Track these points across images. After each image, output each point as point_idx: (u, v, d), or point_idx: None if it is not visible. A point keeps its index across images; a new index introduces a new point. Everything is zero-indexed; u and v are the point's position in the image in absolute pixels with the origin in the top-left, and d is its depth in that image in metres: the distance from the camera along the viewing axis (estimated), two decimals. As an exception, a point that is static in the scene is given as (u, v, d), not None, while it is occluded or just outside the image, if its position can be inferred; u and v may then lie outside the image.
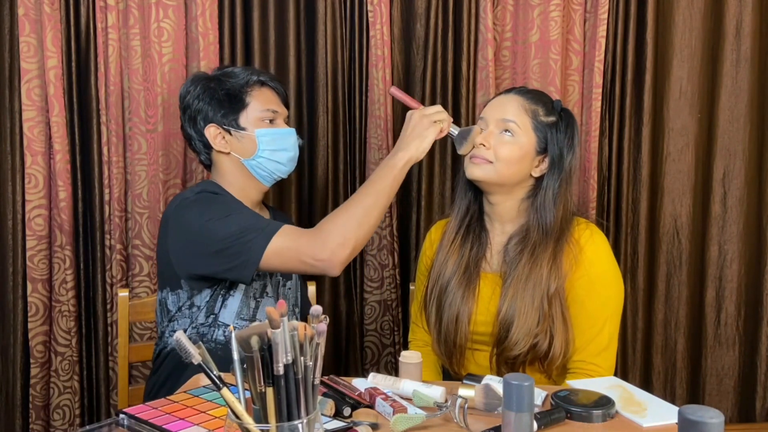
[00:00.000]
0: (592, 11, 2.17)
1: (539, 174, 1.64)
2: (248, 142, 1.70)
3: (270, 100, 1.73)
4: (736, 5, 2.20)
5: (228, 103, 1.70)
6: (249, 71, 1.74)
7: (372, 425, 1.24)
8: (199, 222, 1.58)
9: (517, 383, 0.98)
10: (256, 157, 1.70)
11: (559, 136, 1.63)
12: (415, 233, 2.25)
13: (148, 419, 1.23)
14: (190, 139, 1.76)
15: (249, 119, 1.70)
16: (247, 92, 1.71)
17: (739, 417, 2.34)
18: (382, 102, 2.13)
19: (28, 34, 2.04)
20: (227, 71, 1.75)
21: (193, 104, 1.71)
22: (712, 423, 0.84)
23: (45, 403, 2.14)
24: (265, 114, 1.71)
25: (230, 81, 1.71)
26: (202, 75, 1.77)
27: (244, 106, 1.70)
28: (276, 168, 1.72)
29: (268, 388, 0.89)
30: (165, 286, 1.69)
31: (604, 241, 1.66)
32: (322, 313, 0.95)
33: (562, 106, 1.67)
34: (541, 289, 1.58)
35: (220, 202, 1.65)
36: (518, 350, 1.58)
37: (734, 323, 2.31)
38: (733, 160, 2.25)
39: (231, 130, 1.70)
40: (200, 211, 1.60)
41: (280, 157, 1.72)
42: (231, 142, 1.71)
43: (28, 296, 2.10)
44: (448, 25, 2.16)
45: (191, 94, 1.72)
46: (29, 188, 2.08)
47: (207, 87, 1.71)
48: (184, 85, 1.77)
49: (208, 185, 1.72)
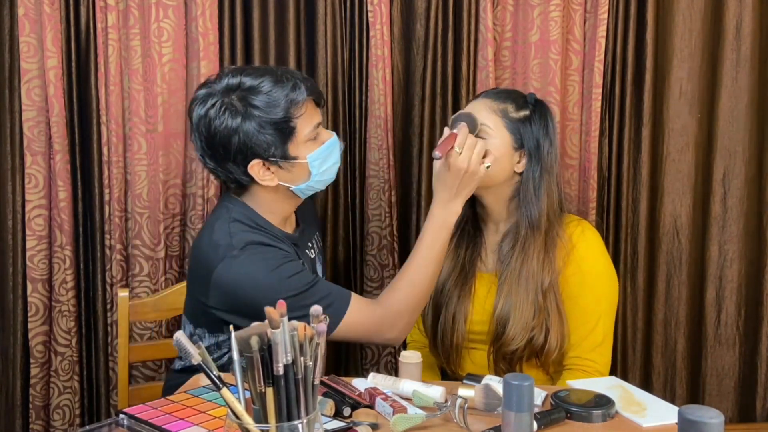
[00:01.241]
0: (592, 11, 2.16)
1: (521, 170, 1.66)
2: (300, 170, 1.53)
3: (313, 115, 1.54)
4: (736, 5, 2.19)
5: (277, 136, 1.48)
6: (286, 86, 1.48)
7: (372, 425, 1.24)
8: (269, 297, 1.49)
9: (517, 383, 0.99)
10: (309, 183, 1.55)
11: (534, 128, 1.66)
12: (415, 233, 2.24)
13: (148, 419, 1.23)
14: (219, 172, 1.55)
15: (299, 145, 1.51)
16: (295, 117, 1.49)
17: (739, 417, 2.34)
18: (382, 102, 2.13)
19: (28, 34, 2.03)
20: (259, 89, 1.47)
21: (230, 139, 1.48)
22: (712, 423, 0.84)
23: (45, 403, 2.14)
24: (312, 132, 1.53)
25: (275, 110, 1.47)
26: (227, 99, 1.49)
27: (293, 132, 1.49)
28: (325, 184, 1.61)
29: (268, 389, 0.89)
30: (190, 322, 1.65)
31: (597, 238, 1.68)
32: (322, 313, 0.95)
33: (535, 98, 1.69)
34: (534, 283, 1.60)
35: (280, 270, 1.49)
36: (515, 345, 1.60)
37: (734, 323, 2.30)
38: (733, 160, 2.25)
39: (279, 161, 1.50)
40: (267, 285, 1.47)
41: (330, 173, 1.59)
42: (278, 173, 1.53)
43: (28, 296, 2.10)
44: (448, 25, 2.16)
45: (226, 126, 1.47)
46: (29, 188, 2.08)
47: (247, 117, 1.47)
48: (199, 106, 1.50)
49: (241, 216, 1.55)
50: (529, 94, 1.69)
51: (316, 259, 1.75)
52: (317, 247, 1.77)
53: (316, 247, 1.77)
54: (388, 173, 2.16)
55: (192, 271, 1.65)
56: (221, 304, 1.53)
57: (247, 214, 1.57)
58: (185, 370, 1.65)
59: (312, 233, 1.77)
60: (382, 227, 2.19)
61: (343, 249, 2.23)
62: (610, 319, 1.67)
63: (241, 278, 1.49)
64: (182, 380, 1.53)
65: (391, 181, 2.17)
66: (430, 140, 2.20)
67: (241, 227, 1.54)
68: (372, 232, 2.20)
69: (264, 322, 0.90)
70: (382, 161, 2.16)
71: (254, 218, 1.58)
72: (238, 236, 1.52)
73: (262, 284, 1.48)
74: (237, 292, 1.50)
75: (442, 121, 2.19)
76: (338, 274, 2.24)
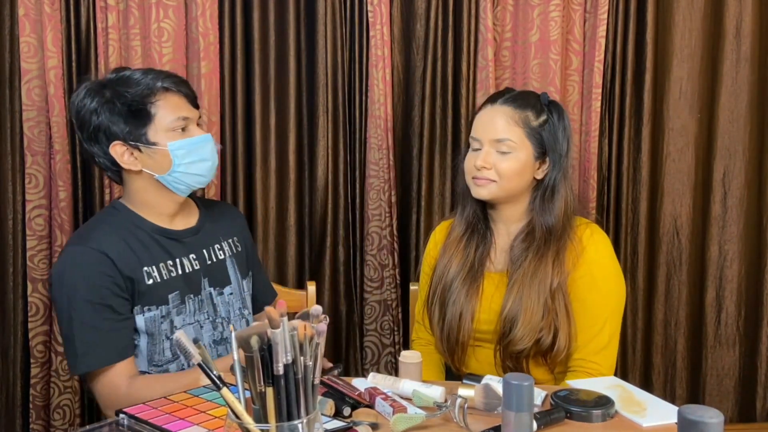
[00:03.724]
0: (592, 11, 2.17)
1: (542, 176, 1.65)
2: (161, 157, 1.55)
3: (178, 107, 1.57)
4: (736, 5, 2.20)
5: (132, 117, 1.53)
6: (148, 75, 1.56)
7: (372, 425, 1.24)
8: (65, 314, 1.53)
9: (516, 383, 0.99)
10: (172, 172, 1.56)
11: (554, 132, 1.63)
12: (415, 233, 2.25)
13: (148, 419, 1.23)
14: (94, 156, 1.59)
15: (158, 132, 1.54)
16: (151, 102, 1.53)
17: (739, 417, 2.34)
18: (382, 102, 2.13)
19: (28, 34, 2.04)
20: (123, 77, 1.56)
21: (91, 120, 1.54)
22: (712, 423, 0.84)
23: (45, 403, 2.14)
24: (176, 123, 1.55)
25: (129, 91, 1.53)
26: (95, 84, 1.57)
27: (151, 118, 1.53)
28: (195, 180, 1.60)
29: (268, 388, 0.89)
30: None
31: (606, 241, 1.67)
32: (322, 313, 0.95)
33: (548, 98, 1.67)
34: (545, 286, 1.60)
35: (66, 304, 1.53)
36: (523, 345, 1.59)
37: (734, 323, 2.31)
38: (733, 160, 2.25)
39: (140, 146, 1.54)
40: (66, 283, 1.52)
41: (199, 168, 1.58)
42: (141, 159, 1.55)
43: (28, 296, 2.10)
44: (448, 25, 2.16)
45: (86, 108, 1.54)
46: (29, 188, 2.08)
47: (104, 99, 1.53)
48: (74, 95, 1.58)
49: (110, 211, 1.63)
50: (542, 96, 1.66)
51: (227, 261, 1.72)
52: (233, 250, 1.74)
53: (231, 249, 1.74)
54: (388, 173, 2.17)
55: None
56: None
57: (114, 210, 1.62)
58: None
59: (226, 235, 1.74)
60: (382, 227, 2.19)
61: (343, 249, 2.23)
62: (617, 322, 1.66)
63: (59, 262, 1.57)
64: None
65: (391, 181, 2.17)
66: (430, 140, 2.20)
67: (92, 223, 1.61)
68: (372, 232, 2.20)
69: (264, 322, 0.90)
70: (382, 161, 2.16)
71: (122, 215, 1.61)
72: (82, 230, 1.60)
73: (67, 276, 1.52)
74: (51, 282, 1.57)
75: (442, 121, 2.20)
76: (338, 274, 2.24)
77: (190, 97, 1.61)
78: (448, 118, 2.19)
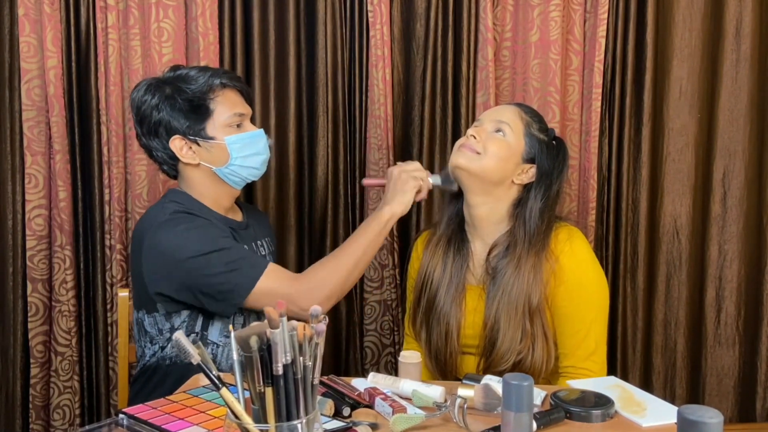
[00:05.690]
0: (592, 11, 2.16)
1: (520, 182, 1.65)
2: (219, 151, 1.63)
3: (235, 103, 1.66)
4: (736, 5, 2.19)
5: (192, 113, 1.61)
6: (208, 73, 1.64)
7: (371, 425, 1.24)
8: (180, 256, 1.55)
9: (516, 383, 0.99)
10: (229, 165, 1.64)
11: (550, 155, 1.66)
12: (415, 233, 2.25)
13: (148, 419, 1.23)
14: (151, 150, 1.67)
15: (216, 127, 1.62)
16: (210, 98, 1.62)
17: (739, 417, 2.34)
18: (382, 102, 2.13)
19: (28, 34, 2.04)
20: (183, 74, 1.64)
21: (152, 115, 1.62)
22: (712, 423, 0.84)
23: (45, 403, 2.14)
24: (233, 119, 1.64)
25: (190, 87, 1.61)
26: (155, 81, 1.65)
27: (210, 113, 1.62)
28: (249, 173, 1.68)
29: (267, 388, 0.89)
30: (141, 308, 1.67)
31: (584, 246, 1.66)
32: (321, 313, 0.95)
33: (555, 134, 1.71)
34: (523, 301, 1.60)
35: (200, 230, 1.59)
36: (504, 365, 1.61)
37: (734, 323, 2.30)
38: (733, 160, 2.25)
39: (198, 140, 1.62)
40: (179, 245, 1.56)
41: (253, 161, 1.67)
42: (200, 153, 1.64)
43: (28, 296, 2.10)
44: (448, 25, 2.16)
45: (147, 104, 1.62)
46: (29, 188, 2.08)
47: (165, 95, 1.61)
48: (135, 91, 1.66)
49: (177, 197, 1.67)
50: (551, 129, 1.71)
51: (268, 257, 1.79)
52: (268, 248, 1.82)
53: (267, 247, 1.81)
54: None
55: (131, 253, 1.71)
56: (152, 271, 1.59)
57: (182, 197, 1.67)
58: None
59: (263, 235, 1.82)
60: (382, 227, 2.19)
61: (343, 249, 2.23)
62: (602, 326, 1.67)
63: (164, 238, 1.58)
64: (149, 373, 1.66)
65: (391, 181, 2.17)
66: (430, 140, 2.20)
67: (174, 206, 1.65)
68: (372, 232, 2.20)
69: (264, 322, 0.90)
70: (382, 161, 2.16)
71: (188, 200, 1.67)
72: (168, 209, 1.63)
73: (182, 238, 1.56)
74: (163, 252, 1.57)
75: (442, 120, 2.19)
76: (338, 274, 2.24)
77: (245, 94, 1.71)
78: (448, 118, 2.19)
